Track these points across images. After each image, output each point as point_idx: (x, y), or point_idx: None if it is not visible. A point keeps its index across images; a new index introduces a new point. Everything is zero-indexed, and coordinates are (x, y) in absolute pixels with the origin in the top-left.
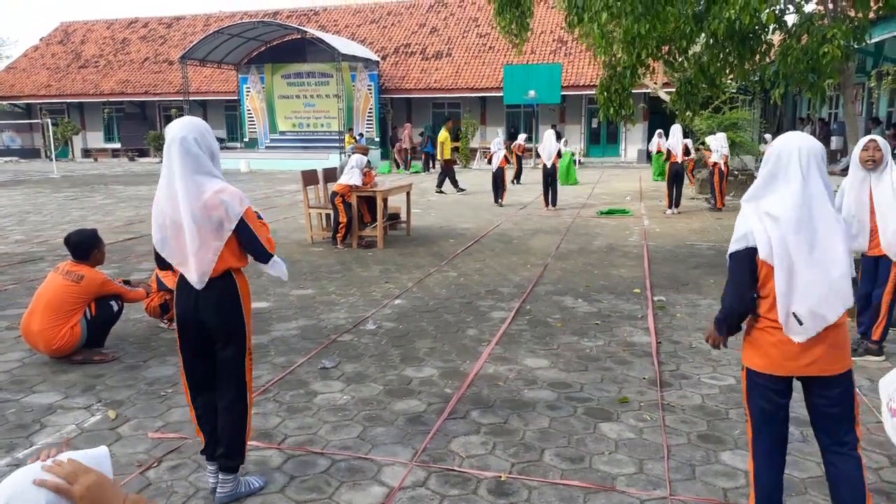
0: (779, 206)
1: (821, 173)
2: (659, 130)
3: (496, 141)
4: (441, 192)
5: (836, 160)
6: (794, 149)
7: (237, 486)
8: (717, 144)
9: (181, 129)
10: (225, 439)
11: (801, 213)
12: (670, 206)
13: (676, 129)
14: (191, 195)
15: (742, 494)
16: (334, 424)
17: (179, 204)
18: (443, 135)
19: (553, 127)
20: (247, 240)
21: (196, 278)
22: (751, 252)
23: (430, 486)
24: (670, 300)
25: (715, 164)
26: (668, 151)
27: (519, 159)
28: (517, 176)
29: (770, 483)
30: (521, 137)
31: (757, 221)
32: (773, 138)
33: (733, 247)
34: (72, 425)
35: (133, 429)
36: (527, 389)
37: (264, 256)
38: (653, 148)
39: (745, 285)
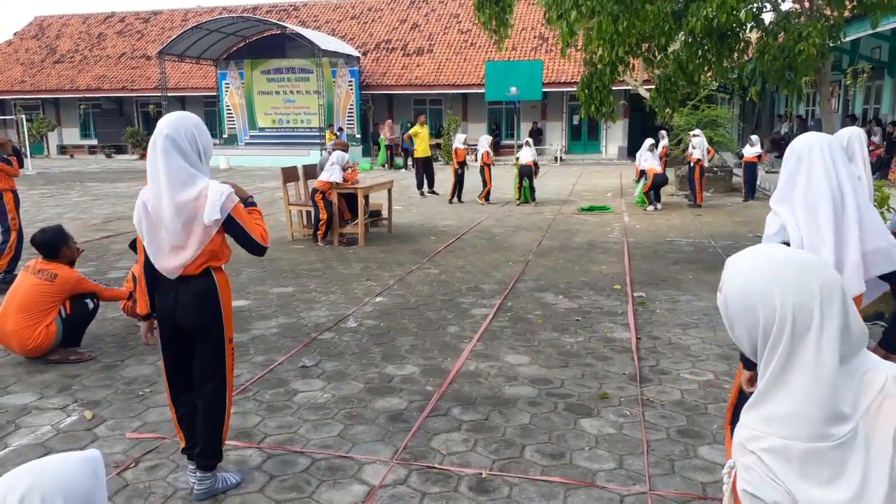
0: (812, 195)
1: (845, 164)
2: (650, 143)
3: (458, 136)
4: (434, 192)
5: None
6: (814, 143)
7: (214, 482)
8: (699, 141)
9: (168, 126)
10: (203, 438)
11: (835, 199)
12: (652, 203)
13: (654, 146)
14: (175, 195)
15: (720, 489)
16: (314, 423)
17: (163, 203)
18: (415, 129)
19: (534, 124)
20: (238, 236)
21: (170, 270)
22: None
23: (411, 483)
24: (650, 296)
25: (698, 161)
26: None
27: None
28: (457, 191)
29: None
30: (460, 139)
31: (791, 219)
32: (757, 138)
33: (769, 241)
34: (47, 426)
35: (110, 429)
36: (508, 386)
37: (257, 249)
38: (642, 163)
39: None
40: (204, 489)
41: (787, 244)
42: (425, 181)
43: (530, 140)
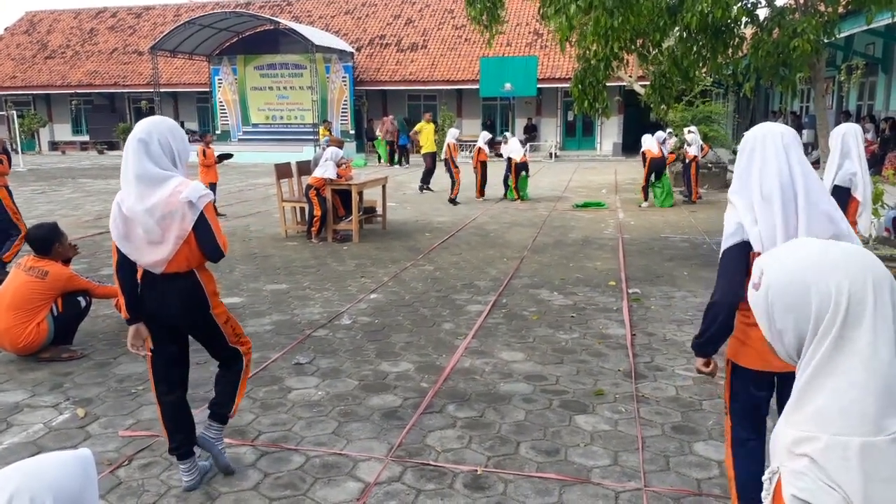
0: (766, 186)
1: (798, 153)
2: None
3: (451, 132)
4: (429, 188)
5: (807, 153)
6: (768, 133)
7: (220, 438)
8: (694, 137)
9: (143, 131)
10: (220, 390)
11: (788, 190)
12: (648, 199)
13: (657, 135)
14: (145, 197)
15: (715, 485)
16: (309, 420)
17: (135, 203)
18: (420, 125)
19: (529, 120)
20: (203, 235)
21: (153, 265)
22: (744, 246)
23: (406, 480)
24: (645, 292)
25: (694, 157)
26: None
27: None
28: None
29: (750, 476)
30: (452, 135)
31: (746, 213)
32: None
33: (727, 242)
34: (40, 424)
35: (103, 427)
36: (503, 383)
37: (217, 254)
38: (644, 144)
39: (737, 277)
40: (210, 437)
41: (748, 244)
42: (428, 177)
43: (507, 135)
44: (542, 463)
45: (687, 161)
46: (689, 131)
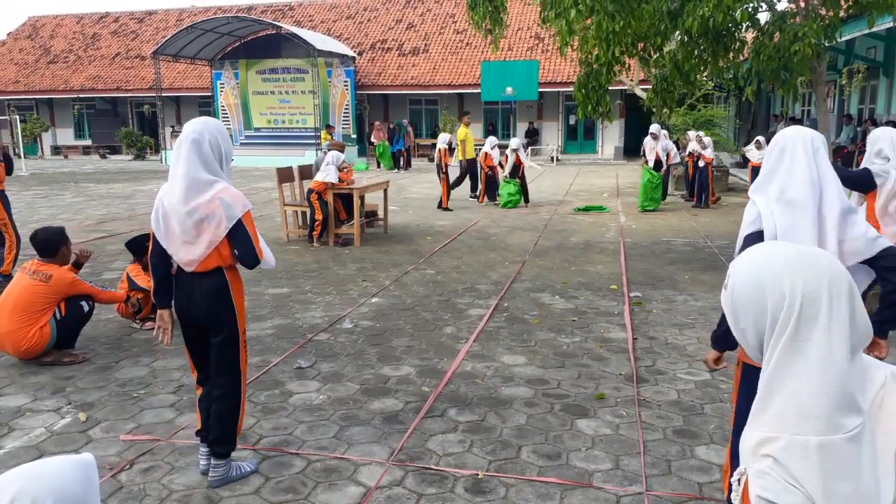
0: (790, 188)
1: (826, 158)
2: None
3: (442, 137)
4: (475, 196)
5: None
6: (798, 136)
7: (228, 470)
8: (709, 141)
9: (195, 131)
10: (216, 427)
11: (814, 191)
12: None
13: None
14: (189, 196)
15: (717, 489)
16: (310, 424)
17: (178, 201)
18: (461, 131)
19: (531, 124)
20: (240, 241)
21: (185, 263)
22: (762, 235)
23: (407, 485)
24: (646, 296)
25: (710, 160)
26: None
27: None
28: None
29: None
30: (443, 139)
31: (766, 207)
32: (763, 139)
33: (747, 230)
34: (41, 428)
35: (104, 431)
36: (504, 387)
37: (253, 260)
38: (650, 154)
39: None
40: (218, 476)
41: (762, 232)
42: (476, 185)
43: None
44: (544, 467)
45: (703, 164)
46: (700, 135)
